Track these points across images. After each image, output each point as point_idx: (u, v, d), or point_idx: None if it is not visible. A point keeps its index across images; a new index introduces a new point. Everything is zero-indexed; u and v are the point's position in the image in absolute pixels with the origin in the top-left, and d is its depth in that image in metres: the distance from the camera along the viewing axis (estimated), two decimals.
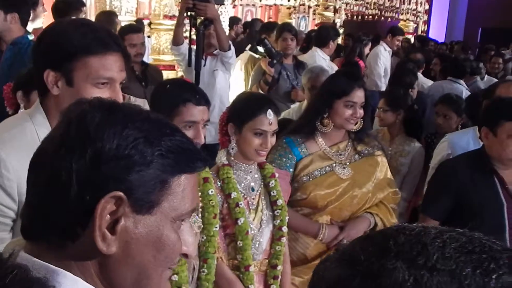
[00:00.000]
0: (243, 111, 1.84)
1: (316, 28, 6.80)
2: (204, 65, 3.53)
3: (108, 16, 3.81)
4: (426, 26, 10.20)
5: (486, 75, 5.90)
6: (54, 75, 1.22)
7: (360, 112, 2.13)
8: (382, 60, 5.88)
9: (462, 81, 4.58)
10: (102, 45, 1.21)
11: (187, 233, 0.74)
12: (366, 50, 6.11)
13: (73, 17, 3.15)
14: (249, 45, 4.40)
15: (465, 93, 4.31)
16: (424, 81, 5.08)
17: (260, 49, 4.00)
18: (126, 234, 0.67)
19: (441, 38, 12.41)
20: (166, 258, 0.71)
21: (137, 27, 3.53)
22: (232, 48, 3.60)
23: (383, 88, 5.52)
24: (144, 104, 2.15)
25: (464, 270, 0.46)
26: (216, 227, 1.74)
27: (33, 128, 1.24)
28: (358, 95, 2.11)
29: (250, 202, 1.88)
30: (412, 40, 8.77)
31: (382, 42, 6.21)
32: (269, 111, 1.82)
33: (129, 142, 0.66)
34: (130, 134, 0.67)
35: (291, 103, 3.86)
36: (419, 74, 5.05)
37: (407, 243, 0.49)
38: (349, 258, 0.51)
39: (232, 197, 1.81)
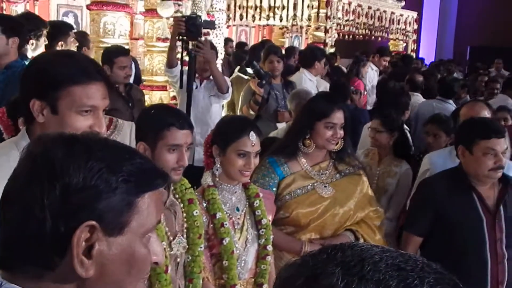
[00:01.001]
0: (227, 133, 1.89)
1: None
2: (196, 88, 3.61)
3: (82, 35, 4.04)
4: (416, 45, 10.37)
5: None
6: (39, 104, 1.27)
7: (340, 132, 2.19)
8: (368, 80, 6.00)
9: (451, 101, 4.65)
10: (85, 75, 1.28)
11: (155, 243, 0.81)
12: (366, 69, 6.24)
13: (61, 42, 3.24)
14: (238, 67, 4.48)
15: None
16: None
17: (249, 70, 4.08)
18: (102, 256, 0.72)
19: (431, 57, 12.62)
20: (139, 271, 0.77)
21: (125, 49, 3.63)
22: (230, 89, 3.70)
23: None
24: (131, 126, 2.20)
25: (389, 282, 0.53)
26: (201, 247, 1.77)
27: (18, 156, 1.28)
28: (338, 117, 2.18)
29: (235, 222, 1.92)
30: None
31: (369, 61, 6.35)
32: (252, 133, 1.87)
33: (94, 173, 0.72)
34: (93, 165, 0.72)
35: (280, 122, 3.93)
36: (419, 95, 5.10)
37: (351, 256, 0.56)
38: (301, 262, 0.59)
39: (217, 217, 1.85)
